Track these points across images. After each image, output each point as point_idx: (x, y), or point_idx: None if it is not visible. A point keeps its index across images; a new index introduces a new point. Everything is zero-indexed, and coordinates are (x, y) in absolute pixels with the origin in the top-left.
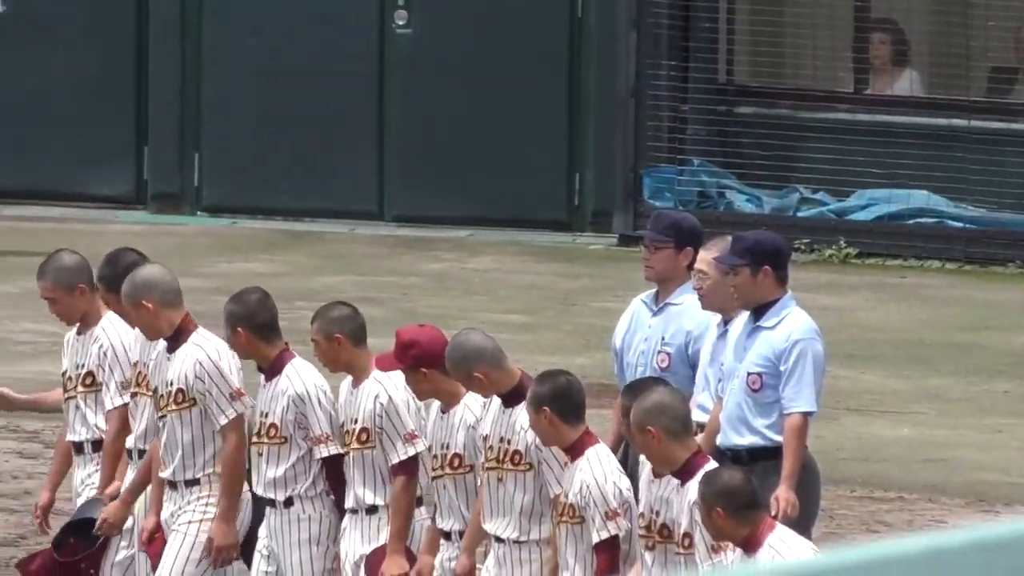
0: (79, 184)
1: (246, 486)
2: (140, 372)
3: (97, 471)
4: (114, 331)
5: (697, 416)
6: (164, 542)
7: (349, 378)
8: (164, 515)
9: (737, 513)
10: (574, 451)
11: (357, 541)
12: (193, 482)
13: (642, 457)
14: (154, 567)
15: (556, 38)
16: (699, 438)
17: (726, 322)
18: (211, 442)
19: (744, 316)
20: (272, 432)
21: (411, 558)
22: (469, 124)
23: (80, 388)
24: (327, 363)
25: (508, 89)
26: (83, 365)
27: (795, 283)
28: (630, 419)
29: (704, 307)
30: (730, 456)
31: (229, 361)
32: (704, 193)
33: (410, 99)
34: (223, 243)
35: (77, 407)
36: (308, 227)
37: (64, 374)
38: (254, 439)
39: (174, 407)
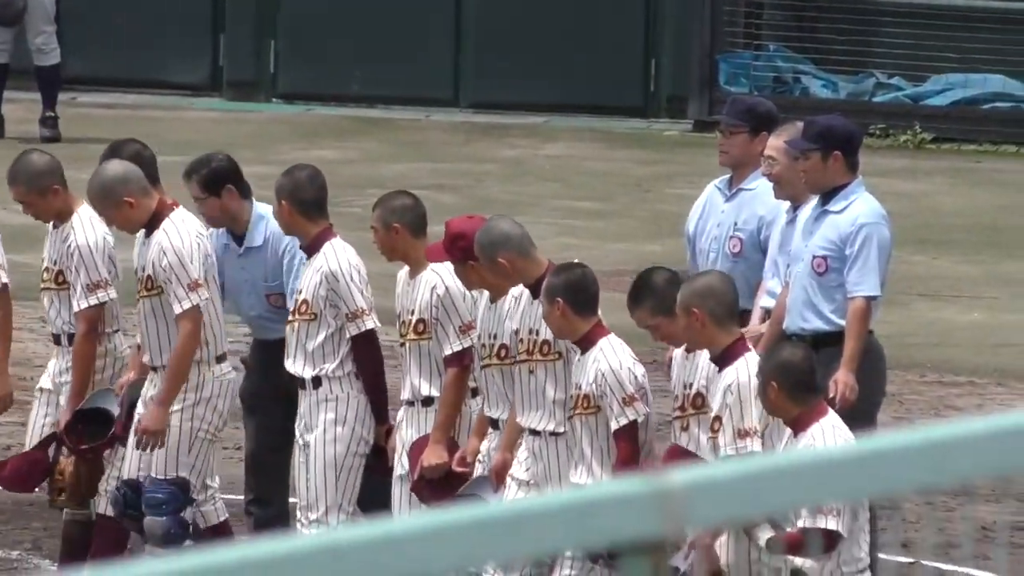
0: (155, 71)
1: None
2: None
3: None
4: (82, 230)
5: (765, 302)
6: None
7: (406, 268)
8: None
9: (791, 391)
10: (586, 342)
11: (413, 433)
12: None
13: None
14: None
15: None
16: (765, 323)
17: (795, 208)
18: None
19: (813, 201)
20: (303, 308)
21: (452, 449)
22: (545, 10)
23: (52, 285)
24: (384, 251)
25: None
26: (56, 262)
27: (870, 168)
28: (677, 299)
29: (776, 195)
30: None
31: (192, 249)
32: (780, 79)
33: None
34: (297, 130)
35: (51, 301)
36: (382, 114)
37: (42, 264)
38: (290, 316)
39: (145, 294)
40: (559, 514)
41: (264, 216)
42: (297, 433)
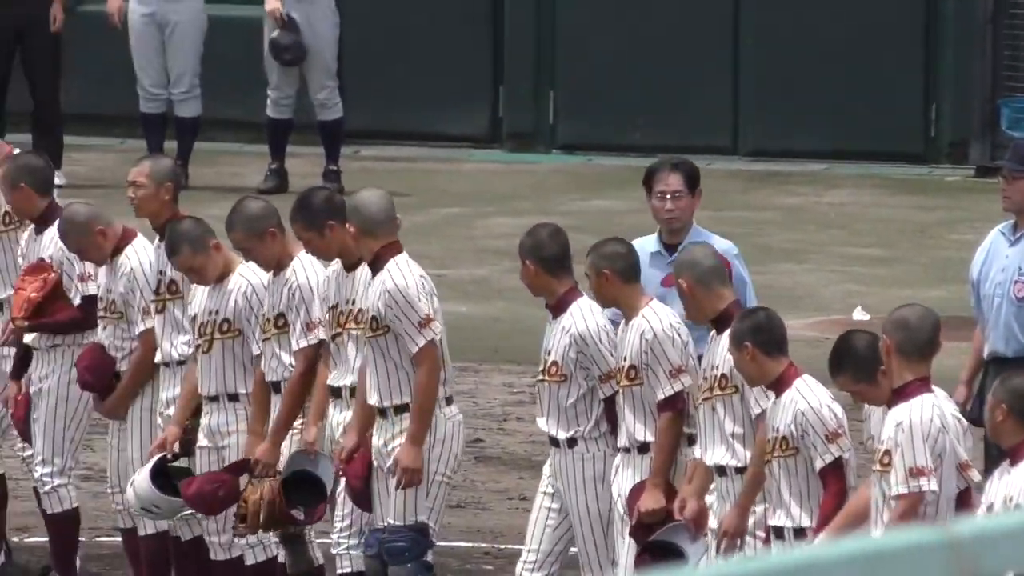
0: (435, 124)
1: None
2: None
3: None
4: (303, 271)
5: None
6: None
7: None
8: (376, 443)
9: (1020, 418)
10: (780, 384)
11: (630, 479)
12: (401, 408)
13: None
14: (352, 488)
15: None
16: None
17: None
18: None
19: None
20: (553, 370)
21: (670, 494)
22: (823, 56)
23: (273, 330)
24: (596, 297)
25: (863, 20)
26: (275, 307)
27: None
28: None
29: None
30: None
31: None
32: None
33: (765, 33)
34: (577, 180)
35: (273, 351)
36: None
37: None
38: (538, 376)
39: (371, 334)
40: (850, 564)
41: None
42: (545, 483)
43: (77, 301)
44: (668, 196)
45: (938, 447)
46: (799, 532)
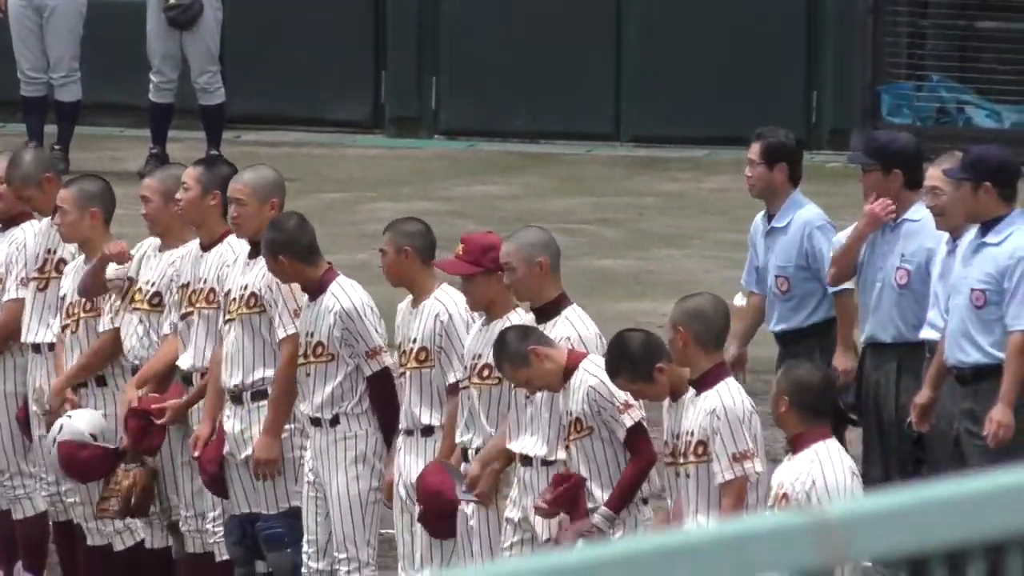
0: (317, 109)
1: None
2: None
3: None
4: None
5: (926, 333)
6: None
7: (409, 297)
8: (230, 429)
9: (800, 410)
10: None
11: (412, 463)
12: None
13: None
14: (206, 474)
15: None
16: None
17: (955, 239)
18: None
19: (973, 232)
20: (319, 350)
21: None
22: (705, 43)
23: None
24: (391, 276)
25: (745, 7)
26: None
27: None
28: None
29: (938, 225)
30: (955, 374)
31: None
32: (943, 109)
33: (646, 19)
34: (460, 166)
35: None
36: (544, 148)
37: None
38: (300, 359)
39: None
40: (716, 547)
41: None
42: (306, 467)
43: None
44: (747, 163)
45: (753, 428)
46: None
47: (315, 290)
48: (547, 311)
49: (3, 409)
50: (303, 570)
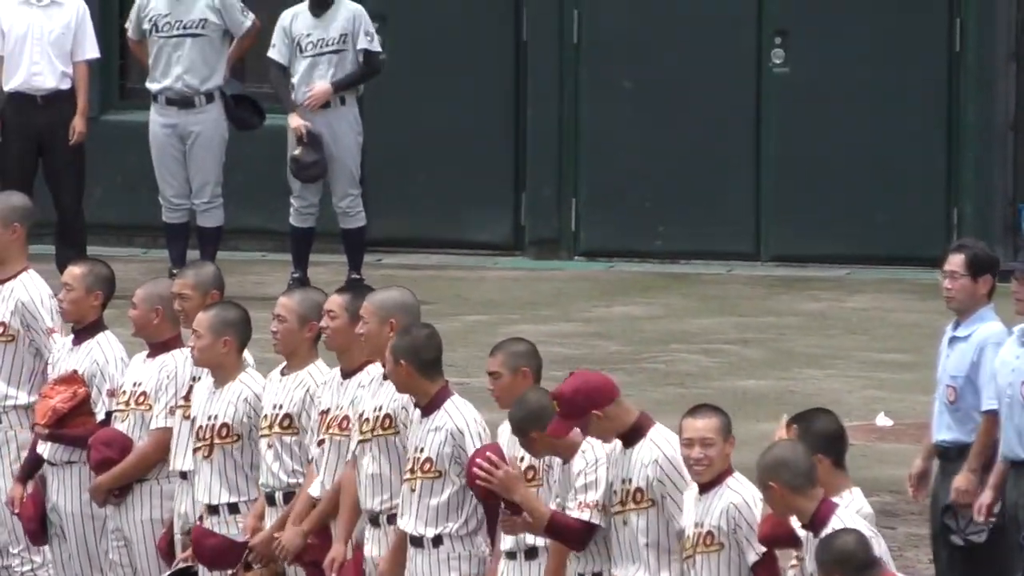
0: (458, 231)
1: None
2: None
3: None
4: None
5: None
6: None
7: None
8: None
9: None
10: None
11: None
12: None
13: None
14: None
15: (934, 71)
16: None
17: None
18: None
19: None
20: (427, 467)
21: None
22: (844, 161)
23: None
24: (507, 398)
25: (885, 124)
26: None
27: None
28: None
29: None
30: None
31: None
32: None
33: (786, 138)
34: (600, 287)
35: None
36: (684, 269)
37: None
38: (407, 474)
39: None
40: None
41: None
42: None
43: (101, 416)
44: (945, 275)
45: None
46: None
47: (428, 406)
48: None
49: (151, 537)
50: None
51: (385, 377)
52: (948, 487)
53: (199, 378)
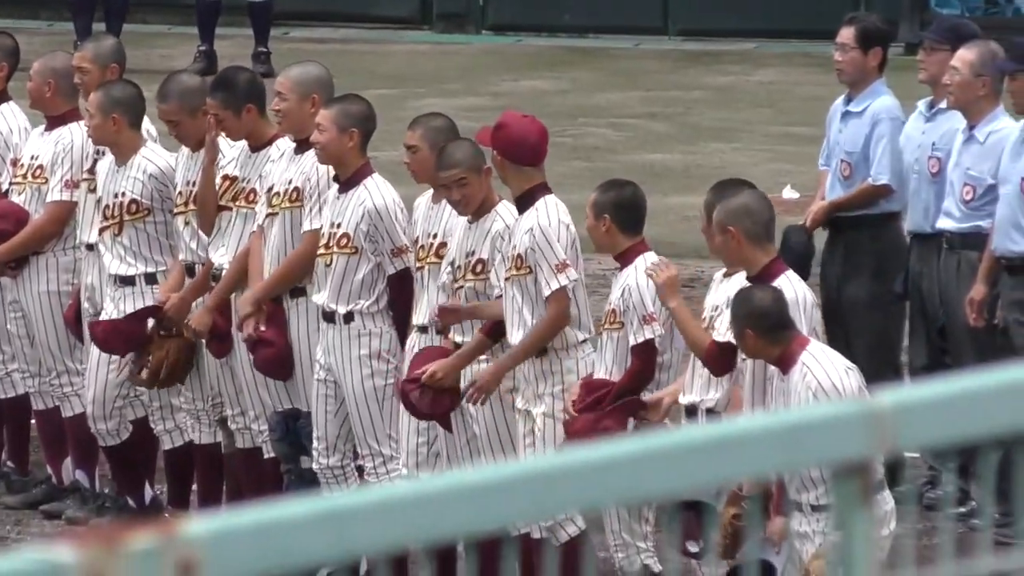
0: (365, 5)
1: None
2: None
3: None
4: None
5: (942, 223)
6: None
7: (429, 192)
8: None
9: (767, 334)
10: (625, 259)
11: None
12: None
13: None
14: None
15: None
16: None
17: (971, 127)
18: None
19: (996, 121)
20: (344, 242)
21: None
22: None
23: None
24: (422, 172)
25: None
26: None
27: None
28: (712, 217)
29: (947, 103)
30: (1004, 264)
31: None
32: None
33: None
34: (508, 61)
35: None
36: (593, 43)
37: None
38: (322, 249)
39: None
40: (768, 437)
41: None
42: (317, 364)
43: (5, 186)
44: (837, 48)
45: (813, 317)
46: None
47: (347, 182)
48: (523, 201)
49: (48, 309)
50: (314, 466)
51: (296, 151)
52: (838, 257)
53: (103, 152)
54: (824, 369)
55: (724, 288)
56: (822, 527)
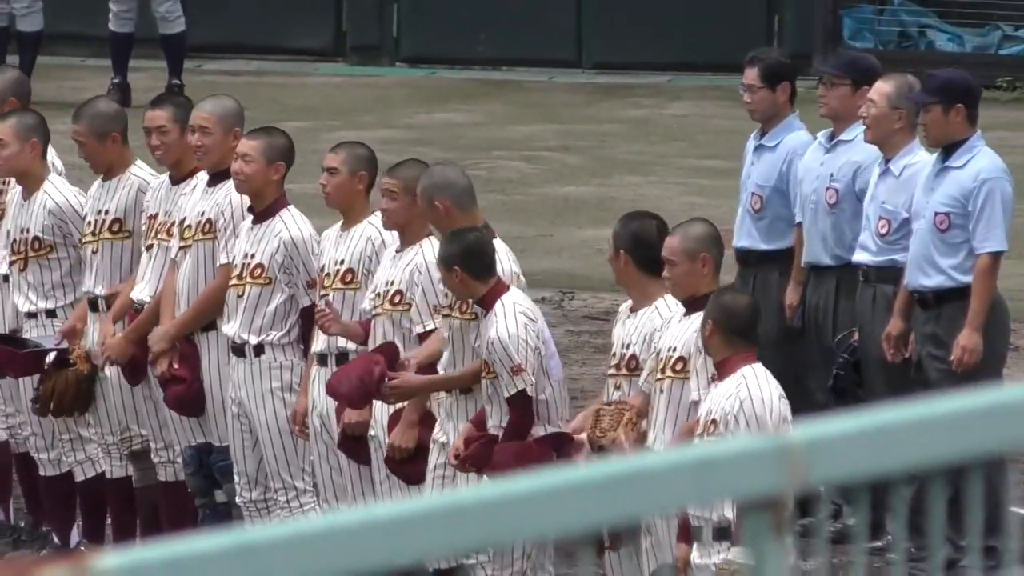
0: (279, 37)
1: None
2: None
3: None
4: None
5: (858, 256)
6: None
7: (339, 222)
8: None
9: (727, 333)
10: (486, 303)
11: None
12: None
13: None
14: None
15: None
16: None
17: (887, 160)
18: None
19: (910, 155)
20: (257, 272)
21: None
22: None
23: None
24: (337, 196)
25: None
26: (106, 211)
27: (997, 121)
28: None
29: (865, 137)
30: (917, 298)
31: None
32: (904, 33)
33: None
34: (422, 94)
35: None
36: (507, 76)
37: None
38: (235, 280)
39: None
40: (680, 470)
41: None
42: (233, 406)
43: None
44: (743, 90)
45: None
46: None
47: (263, 213)
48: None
49: None
50: (237, 499)
51: (210, 183)
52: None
53: (8, 182)
54: (759, 386)
55: (633, 323)
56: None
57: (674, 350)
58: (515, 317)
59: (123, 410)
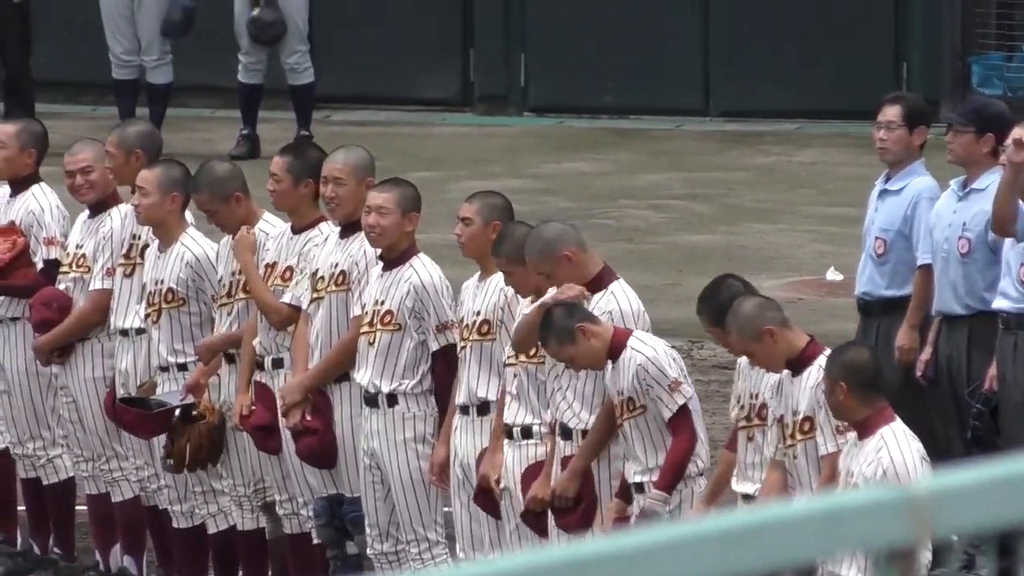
0: (406, 88)
1: None
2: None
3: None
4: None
5: (998, 303)
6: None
7: (477, 274)
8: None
9: (858, 389)
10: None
11: (468, 442)
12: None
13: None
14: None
15: None
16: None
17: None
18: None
19: None
20: (387, 319)
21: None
22: (793, 15)
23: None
24: (472, 246)
25: None
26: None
27: None
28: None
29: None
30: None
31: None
32: None
33: None
34: (549, 143)
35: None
36: (634, 124)
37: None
38: (365, 327)
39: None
40: (806, 523)
41: None
42: (365, 457)
43: (40, 265)
44: (881, 126)
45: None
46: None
47: (393, 261)
48: (594, 285)
49: (94, 394)
50: (368, 551)
51: (342, 235)
52: (871, 341)
53: (139, 236)
54: (900, 449)
55: (757, 374)
56: None
57: (797, 413)
58: (652, 341)
59: (256, 461)
